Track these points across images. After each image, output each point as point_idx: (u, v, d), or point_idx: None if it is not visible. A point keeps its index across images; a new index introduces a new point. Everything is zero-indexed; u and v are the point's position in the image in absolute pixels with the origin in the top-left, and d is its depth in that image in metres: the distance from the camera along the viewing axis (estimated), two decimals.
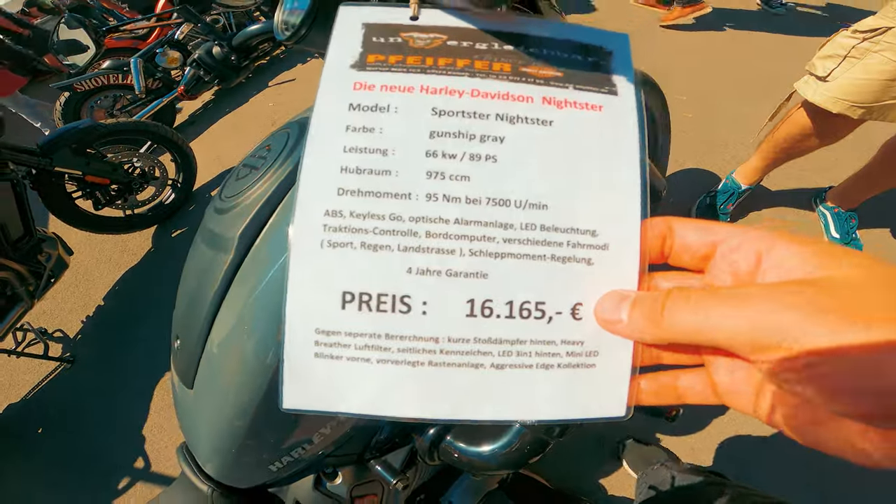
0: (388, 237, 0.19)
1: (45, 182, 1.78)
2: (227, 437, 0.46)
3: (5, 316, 1.68)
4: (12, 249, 1.65)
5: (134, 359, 1.77)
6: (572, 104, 0.21)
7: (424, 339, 0.20)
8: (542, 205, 0.20)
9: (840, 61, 1.10)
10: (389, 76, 0.21)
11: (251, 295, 0.42)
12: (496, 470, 0.54)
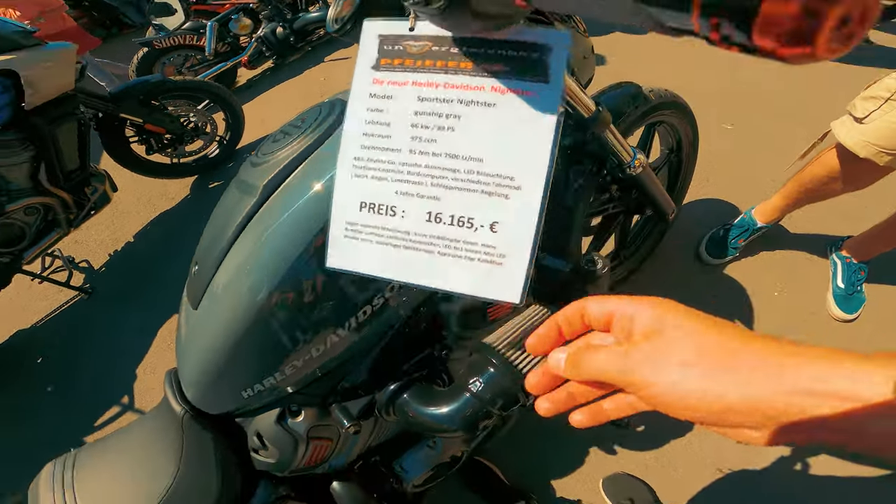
0: (386, 173, 0.33)
1: (107, 125, 1.99)
2: (213, 356, 0.56)
3: (41, 239, 1.87)
4: (64, 179, 1.84)
5: (148, 299, 1.89)
6: (511, 91, 0.30)
7: (402, 231, 0.33)
8: (479, 158, 0.31)
9: (881, 104, 1.05)
10: (392, 74, 0.33)
11: (261, 236, 0.51)
12: (443, 431, 0.61)
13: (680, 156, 1.31)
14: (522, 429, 1.08)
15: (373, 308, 0.55)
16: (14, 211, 1.73)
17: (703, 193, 1.68)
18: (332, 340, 0.55)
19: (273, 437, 0.65)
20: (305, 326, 0.53)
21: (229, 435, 0.67)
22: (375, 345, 0.61)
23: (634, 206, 1.16)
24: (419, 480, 0.84)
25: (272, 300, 0.51)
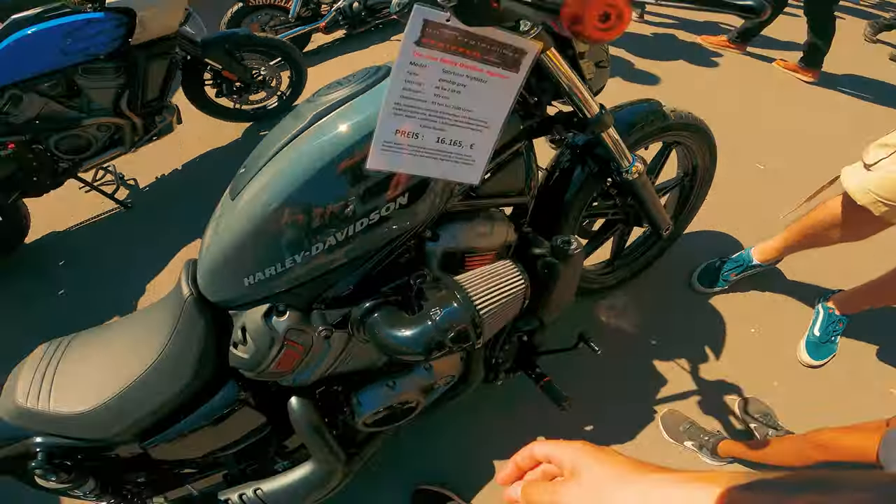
0: (414, 113, 0.55)
1: (190, 67, 2.25)
2: (230, 242, 0.69)
3: (103, 152, 2.12)
4: (141, 106, 2.09)
5: (178, 223, 2.09)
6: (495, 75, 0.49)
7: (419, 147, 0.58)
8: (469, 110, 0.57)
9: (891, 152, 1.05)
10: (429, 51, 0.50)
11: (291, 156, 0.66)
12: (402, 353, 0.71)
13: (693, 181, 1.38)
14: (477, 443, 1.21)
15: (369, 221, 0.68)
16: (89, 126, 1.99)
17: (713, 224, 1.75)
18: (330, 243, 0.68)
19: (255, 331, 0.75)
20: (309, 230, 0.67)
21: (217, 329, 0.78)
22: (363, 261, 0.74)
23: (634, 217, 1.24)
24: (370, 418, 0.91)
25: (286, 206, 0.65)
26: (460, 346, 0.68)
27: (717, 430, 1.23)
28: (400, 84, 0.52)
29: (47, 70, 1.83)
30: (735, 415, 1.28)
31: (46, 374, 0.82)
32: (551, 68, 0.73)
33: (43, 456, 0.78)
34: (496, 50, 0.51)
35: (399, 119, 0.55)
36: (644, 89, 2.60)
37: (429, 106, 0.55)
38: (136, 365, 0.79)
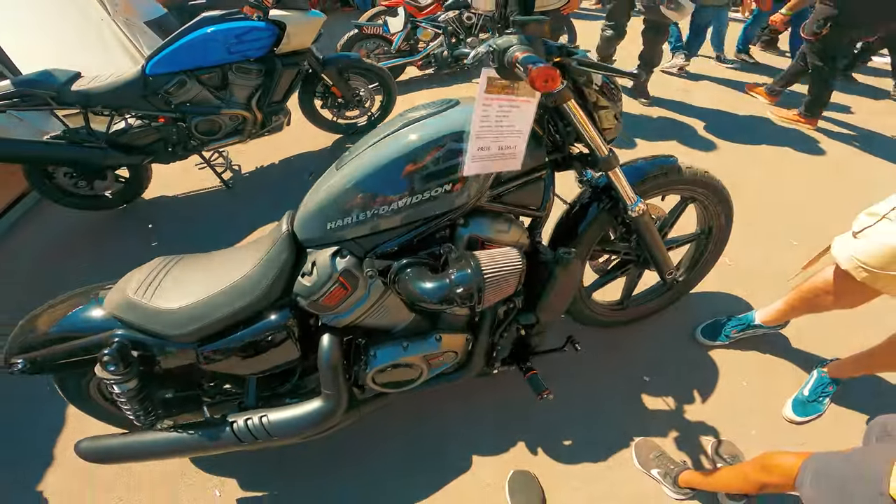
0: (486, 133, 0.91)
1: (309, 79, 2.80)
2: (325, 197, 0.99)
3: (225, 138, 2.64)
4: (266, 105, 2.60)
5: (264, 207, 2.55)
6: (523, 101, 0.90)
7: (489, 152, 0.94)
8: (512, 125, 0.93)
9: (876, 220, 1.09)
10: (492, 96, 0.87)
11: (380, 147, 0.97)
12: (421, 301, 0.96)
13: (709, 239, 1.54)
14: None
15: (421, 198, 0.96)
16: (224, 114, 2.54)
17: (728, 287, 1.86)
18: (392, 208, 0.97)
19: (321, 265, 1.01)
20: (380, 196, 0.97)
21: (294, 263, 1.05)
22: (410, 229, 1.02)
23: (643, 259, 1.43)
24: (379, 374, 1.13)
25: (369, 177, 0.96)
26: (466, 302, 0.93)
27: (682, 461, 1.32)
28: (479, 119, 0.87)
29: (213, 64, 2.40)
30: (706, 453, 1.36)
31: (156, 279, 1.12)
32: (571, 115, 1.01)
33: (117, 345, 1.02)
34: (522, 88, 0.86)
35: (481, 140, 0.90)
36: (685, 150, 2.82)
37: (493, 128, 0.90)
38: (224, 280, 1.07)
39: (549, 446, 1.41)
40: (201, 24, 2.35)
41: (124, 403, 1.11)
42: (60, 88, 2.26)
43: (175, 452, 1.22)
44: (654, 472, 1.30)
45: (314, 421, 1.15)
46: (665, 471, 1.28)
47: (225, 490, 1.41)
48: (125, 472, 1.47)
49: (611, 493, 1.30)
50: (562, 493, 1.31)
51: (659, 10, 2.74)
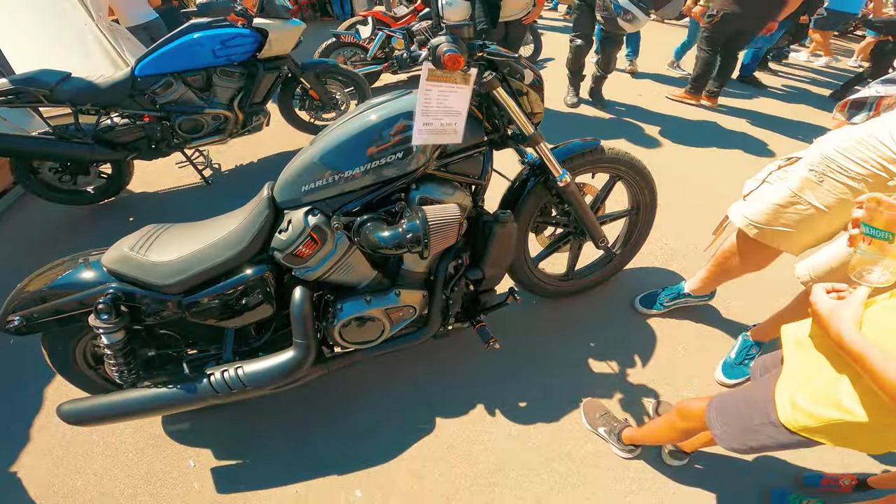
0: (427, 113, 1.13)
1: (288, 82, 3.03)
2: (301, 165, 1.19)
3: (207, 136, 2.82)
4: (248, 106, 2.82)
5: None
6: (460, 87, 1.13)
7: (431, 128, 1.15)
8: (450, 106, 1.15)
9: (760, 184, 1.29)
10: (433, 83, 1.11)
11: (347, 124, 1.19)
12: (378, 248, 1.16)
13: (639, 216, 1.79)
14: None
15: (379, 163, 1.18)
16: (207, 114, 2.73)
17: (663, 263, 2.12)
18: (356, 172, 1.18)
19: (295, 222, 1.19)
20: (345, 162, 1.17)
21: (272, 222, 1.23)
22: (371, 190, 1.23)
23: (579, 230, 1.66)
24: (345, 327, 1.29)
25: (338, 148, 1.17)
26: (414, 246, 1.15)
27: (625, 419, 1.50)
28: (423, 100, 1.10)
29: (198, 67, 2.61)
30: (647, 413, 1.55)
31: (149, 240, 1.29)
32: (499, 100, 1.25)
33: (111, 296, 1.18)
34: (460, 76, 1.09)
35: (425, 117, 1.12)
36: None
37: (435, 108, 1.12)
38: (210, 237, 1.26)
39: (507, 408, 1.58)
40: (190, 29, 2.56)
41: (110, 358, 1.25)
42: (54, 87, 2.43)
43: (155, 409, 1.34)
44: (600, 430, 1.45)
45: (286, 369, 1.30)
46: (609, 428, 1.43)
47: (199, 460, 1.51)
48: (99, 448, 1.56)
49: (564, 451, 1.45)
50: (521, 452, 1.46)
51: (616, 22, 3.03)
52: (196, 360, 1.44)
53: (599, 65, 3.60)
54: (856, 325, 0.64)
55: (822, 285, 0.72)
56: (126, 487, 1.46)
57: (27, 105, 2.50)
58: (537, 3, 3.30)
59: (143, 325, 1.31)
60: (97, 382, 1.45)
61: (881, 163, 1.07)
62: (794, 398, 0.75)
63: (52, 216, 2.85)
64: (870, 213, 0.68)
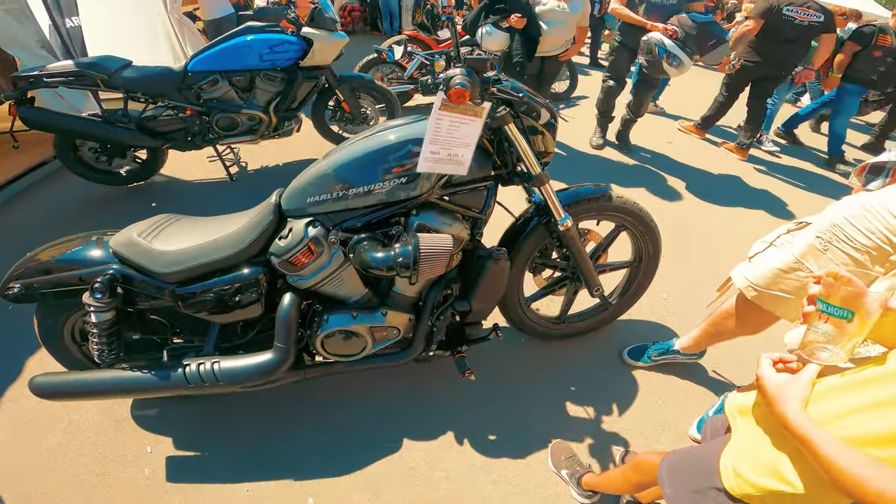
0: (437, 141, 1.17)
1: (323, 92, 3.17)
2: (311, 177, 1.24)
3: (240, 135, 2.95)
4: (283, 110, 2.95)
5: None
6: (471, 119, 1.17)
7: (440, 157, 1.19)
8: (461, 138, 1.18)
9: (766, 247, 1.28)
10: (445, 112, 1.15)
11: (360, 143, 1.24)
12: (369, 268, 1.19)
13: (640, 268, 1.77)
14: None
15: (383, 185, 1.21)
16: (244, 114, 2.87)
17: (660, 318, 2.06)
18: (361, 191, 1.22)
19: (296, 231, 1.22)
20: (352, 179, 1.22)
21: (274, 228, 1.26)
22: (372, 210, 1.26)
23: (576, 276, 1.65)
24: (328, 339, 1.31)
25: (348, 165, 1.22)
26: (403, 271, 1.18)
27: (589, 465, 1.46)
28: (433, 128, 1.13)
29: (244, 68, 2.76)
30: (613, 461, 1.50)
31: (158, 228, 1.35)
32: (510, 136, 1.27)
33: (110, 277, 1.23)
34: (472, 109, 1.13)
35: (433, 145, 1.15)
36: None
37: (445, 137, 1.15)
38: (215, 234, 1.31)
39: (476, 439, 1.56)
40: (244, 31, 2.73)
41: (95, 337, 1.29)
42: (112, 73, 2.62)
43: (126, 391, 1.37)
44: (563, 473, 1.43)
45: (261, 371, 1.32)
46: (572, 472, 1.41)
47: (158, 448, 1.52)
48: (62, 424, 1.58)
49: (524, 489, 1.43)
50: (481, 485, 1.44)
51: (660, 66, 2.98)
52: (177, 350, 1.46)
53: (630, 108, 3.60)
54: (802, 405, 0.62)
55: (769, 357, 0.71)
56: (76, 466, 1.48)
57: (86, 88, 2.70)
58: (577, 40, 3.40)
59: (135, 308, 1.36)
60: (78, 359, 1.48)
61: (887, 235, 1.03)
62: (736, 466, 0.74)
63: (82, 192, 3.02)
64: (827, 289, 0.65)
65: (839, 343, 0.65)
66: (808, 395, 0.64)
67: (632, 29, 3.14)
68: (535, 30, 3.05)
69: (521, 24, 2.97)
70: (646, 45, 2.98)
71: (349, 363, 1.44)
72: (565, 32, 3.20)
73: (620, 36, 3.26)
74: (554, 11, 3.09)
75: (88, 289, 1.24)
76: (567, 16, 3.12)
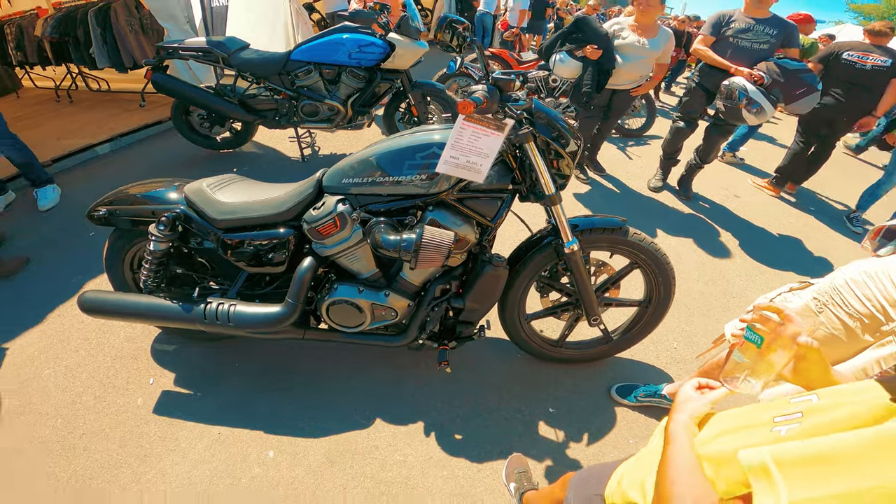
0: (458, 148, 1.30)
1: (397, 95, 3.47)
2: (353, 161, 1.42)
3: (319, 122, 3.29)
4: (359, 105, 3.24)
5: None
6: (494, 133, 1.29)
7: (459, 162, 1.31)
8: (480, 148, 1.30)
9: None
10: (468, 123, 1.28)
11: (398, 139, 1.40)
12: (379, 248, 1.34)
13: (647, 309, 1.75)
14: None
15: (409, 177, 1.35)
16: (326, 103, 3.20)
17: (663, 364, 1.98)
18: (390, 180, 1.37)
19: (327, 204, 1.39)
20: (385, 169, 1.37)
21: (312, 200, 1.44)
22: (395, 199, 1.41)
23: (579, 304, 1.68)
24: (332, 307, 1.46)
25: (385, 155, 1.37)
26: (405, 255, 1.32)
27: (537, 483, 1.46)
28: (455, 135, 1.26)
29: (336, 63, 3.10)
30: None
31: (223, 183, 1.61)
32: (529, 154, 1.36)
33: (175, 214, 1.50)
34: (495, 123, 1.23)
35: (454, 150, 1.28)
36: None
37: (466, 145, 1.27)
38: (265, 196, 1.54)
39: (442, 435, 1.63)
40: (341, 29, 3.08)
41: (147, 264, 1.54)
42: (231, 54, 3.10)
43: (153, 317, 1.59)
44: (510, 486, 1.45)
45: (269, 320, 1.50)
46: (519, 486, 1.43)
47: (159, 381, 1.71)
48: (88, 345, 1.81)
49: (470, 493, 1.47)
50: (432, 477, 1.51)
51: (739, 113, 2.81)
52: (206, 290, 1.68)
53: (699, 153, 3.39)
54: (691, 418, 0.63)
55: (694, 380, 0.72)
56: (82, 386, 1.69)
57: (210, 63, 3.21)
58: (654, 77, 3.28)
59: (186, 247, 1.61)
60: (127, 284, 1.75)
61: (882, 304, 1.00)
62: (623, 477, 0.76)
63: (181, 151, 3.57)
64: (762, 321, 0.66)
65: (756, 374, 0.65)
66: (702, 412, 0.65)
67: (712, 71, 2.99)
68: (608, 62, 3.04)
69: (596, 55, 2.99)
70: (726, 89, 2.81)
71: (346, 335, 1.59)
72: (642, 68, 3.13)
73: (699, 76, 3.13)
74: (633, 46, 3.02)
75: (156, 221, 1.51)
76: (646, 52, 3.03)
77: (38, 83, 5.41)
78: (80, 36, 4.54)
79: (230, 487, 1.45)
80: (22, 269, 2.32)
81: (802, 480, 0.41)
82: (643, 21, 3.02)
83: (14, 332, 1.95)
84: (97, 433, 1.59)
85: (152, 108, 4.48)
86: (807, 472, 0.41)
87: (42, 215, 2.80)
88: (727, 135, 3.26)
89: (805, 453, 0.43)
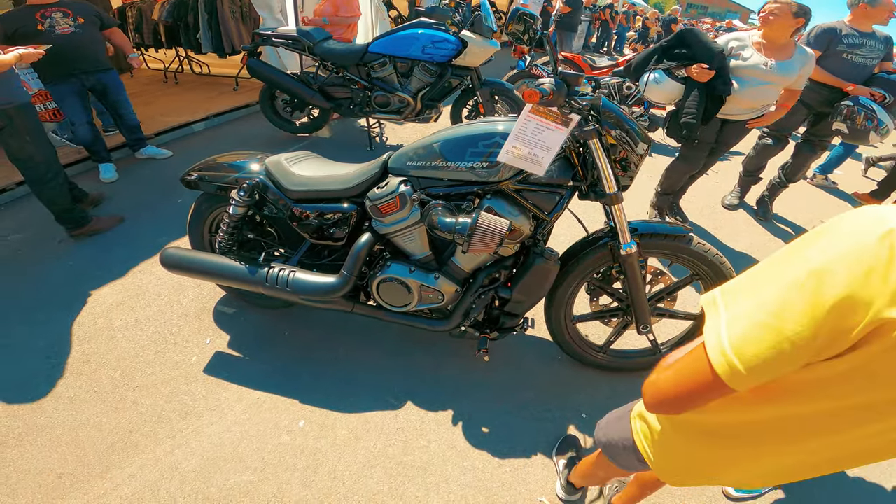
0: (522, 140, 1.33)
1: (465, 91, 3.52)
2: (418, 146, 1.48)
3: (389, 113, 3.43)
4: (427, 99, 3.33)
5: None
6: (558, 127, 1.30)
7: (520, 154, 1.34)
8: (544, 141, 1.32)
9: None
10: (534, 115, 1.31)
11: (465, 128, 1.45)
12: (435, 229, 1.39)
13: (701, 325, 1.64)
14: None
15: (472, 163, 1.39)
16: (397, 96, 3.33)
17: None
18: (452, 166, 1.42)
19: (391, 184, 1.46)
20: (447, 155, 1.42)
21: (377, 178, 1.53)
22: (455, 183, 1.45)
23: (629, 310, 1.62)
24: (382, 282, 1.53)
25: (448, 142, 1.44)
26: (459, 238, 1.35)
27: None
28: (519, 126, 1.29)
29: (410, 56, 3.23)
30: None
31: (300, 158, 1.74)
32: (592, 151, 1.35)
33: (255, 183, 1.63)
34: (560, 118, 1.24)
35: (516, 141, 1.31)
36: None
37: (529, 137, 1.29)
38: (335, 173, 1.65)
39: (469, 426, 1.63)
40: (417, 24, 3.20)
41: (224, 226, 1.69)
42: (317, 43, 3.32)
43: (222, 276, 1.72)
44: (559, 462, 1.47)
45: (322, 289, 1.59)
46: (567, 463, 1.45)
47: (216, 342, 1.81)
48: (161, 301, 1.93)
49: (486, 487, 1.46)
50: (451, 466, 1.51)
51: (867, 134, 2.54)
52: (271, 256, 1.81)
53: (785, 170, 3.09)
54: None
55: None
56: (147, 340, 1.81)
57: (297, 51, 3.46)
58: (780, 105, 2.46)
59: (260, 213, 1.76)
60: (204, 245, 1.92)
61: None
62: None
63: (264, 131, 3.88)
64: None
65: None
66: None
67: (814, 85, 2.73)
68: (722, 87, 2.31)
69: (705, 77, 2.29)
70: (849, 110, 2.55)
71: (392, 313, 1.65)
72: (765, 96, 2.34)
73: None
74: (758, 69, 2.27)
75: (237, 187, 1.67)
76: (774, 77, 2.26)
77: (150, 65, 6.11)
78: (190, 21, 5.07)
79: (255, 451, 1.51)
80: (115, 227, 2.62)
81: (737, 301, 0.53)
82: (773, 37, 2.25)
83: (100, 282, 2.15)
84: (149, 387, 1.70)
85: (243, 92, 4.92)
86: (742, 295, 0.53)
87: (143, 183, 3.18)
88: (819, 153, 2.97)
89: (742, 282, 0.55)
